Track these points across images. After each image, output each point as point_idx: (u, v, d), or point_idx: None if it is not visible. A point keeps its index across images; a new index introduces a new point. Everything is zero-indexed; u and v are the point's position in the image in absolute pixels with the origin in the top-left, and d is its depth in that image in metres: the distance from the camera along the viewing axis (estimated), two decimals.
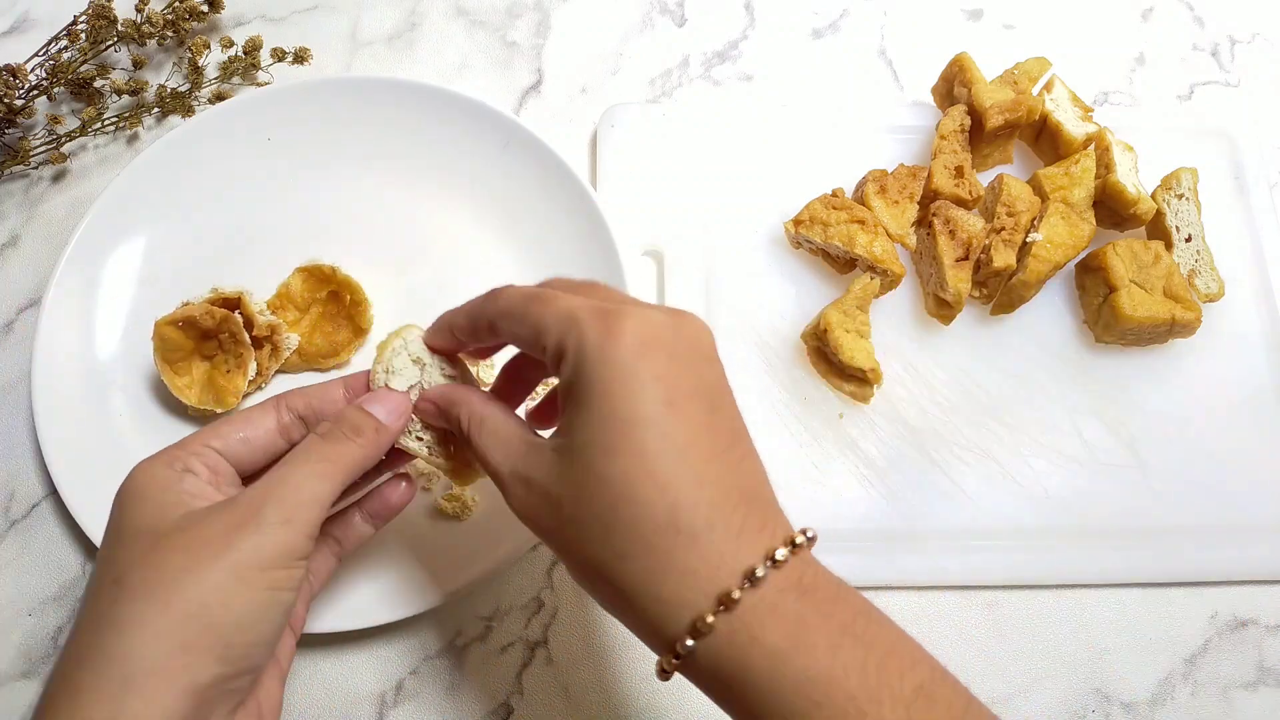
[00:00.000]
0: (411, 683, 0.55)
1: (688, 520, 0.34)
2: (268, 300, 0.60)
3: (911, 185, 0.61)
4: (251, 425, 0.42)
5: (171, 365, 0.57)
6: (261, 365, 0.58)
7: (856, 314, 0.58)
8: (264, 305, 0.59)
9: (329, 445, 0.40)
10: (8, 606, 0.57)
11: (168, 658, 0.34)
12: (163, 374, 0.56)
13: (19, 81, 0.64)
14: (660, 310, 0.37)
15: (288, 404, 0.43)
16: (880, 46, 0.72)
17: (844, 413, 0.59)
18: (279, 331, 0.58)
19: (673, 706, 0.54)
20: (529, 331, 0.38)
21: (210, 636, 0.34)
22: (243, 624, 0.35)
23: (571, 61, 0.70)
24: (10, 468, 0.60)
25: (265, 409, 0.43)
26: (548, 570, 0.57)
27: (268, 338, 0.57)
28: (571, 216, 0.60)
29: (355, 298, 0.59)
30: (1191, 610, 0.57)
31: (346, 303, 0.59)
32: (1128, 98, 0.70)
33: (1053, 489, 0.58)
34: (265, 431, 0.42)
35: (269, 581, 0.36)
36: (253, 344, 0.57)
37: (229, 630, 0.35)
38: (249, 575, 0.35)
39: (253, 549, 0.36)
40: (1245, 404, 0.61)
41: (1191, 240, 0.61)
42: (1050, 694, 0.56)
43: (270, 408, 0.43)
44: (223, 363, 0.57)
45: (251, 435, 0.42)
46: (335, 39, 0.71)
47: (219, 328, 0.56)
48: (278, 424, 0.42)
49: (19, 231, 0.65)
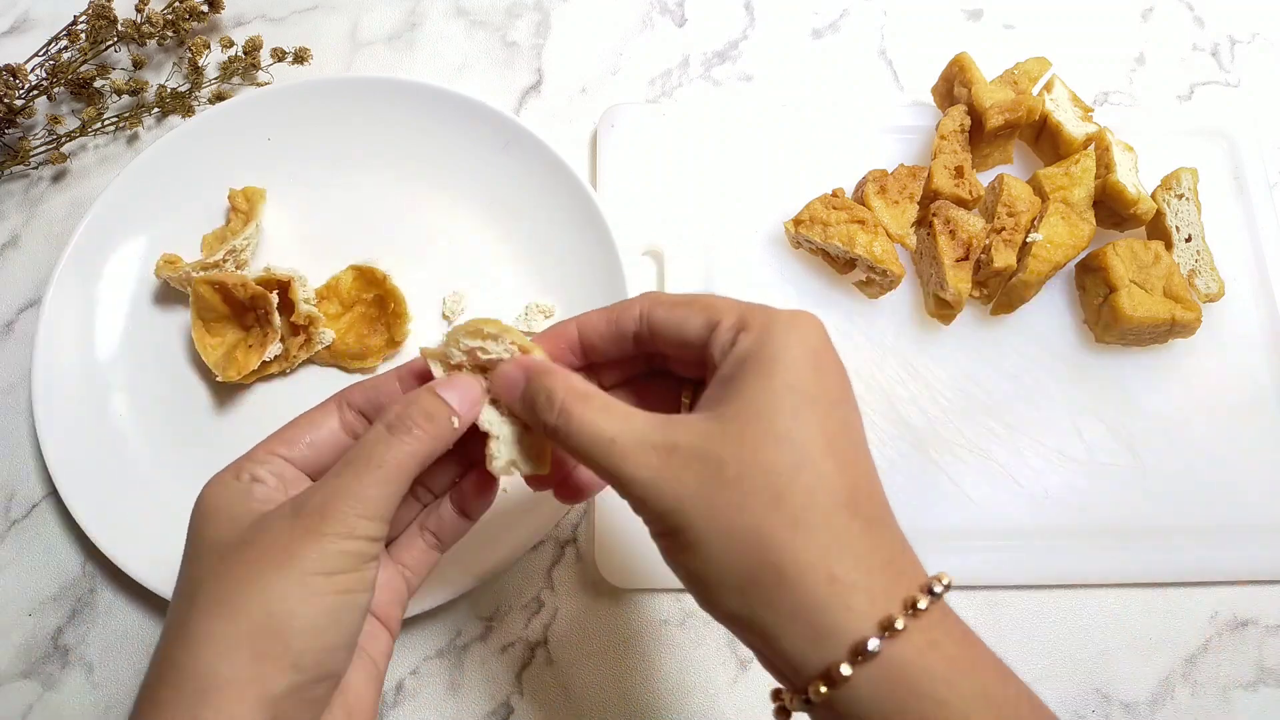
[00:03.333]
0: (411, 683, 0.55)
1: (866, 507, 0.33)
2: (316, 289, 0.60)
3: (911, 185, 0.61)
4: (315, 428, 0.41)
5: (206, 324, 0.58)
6: (290, 351, 0.58)
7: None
8: (312, 294, 0.59)
9: (394, 440, 0.37)
10: (8, 606, 0.57)
11: (239, 669, 0.33)
12: (194, 328, 0.57)
13: (19, 81, 0.64)
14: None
15: (348, 400, 0.42)
16: (880, 46, 0.72)
17: None
18: (316, 324, 0.58)
19: (673, 706, 0.54)
20: (700, 317, 0.37)
21: (280, 646, 0.34)
22: (312, 631, 0.35)
23: (571, 61, 0.70)
24: (10, 468, 0.60)
25: (327, 409, 0.41)
26: (548, 570, 0.57)
27: (305, 327, 0.57)
28: (571, 216, 0.60)
29: (398, 309, 0.59)
30: (1191, 610, 0.57)
31: (389, 310, 0.60)
32: (1128, 98, 0.70)
33: (1053, 489, 0.58)
34: (330, 432, 0.41)
35: (336, 586, 0.35)
36: (291, 330, 0.57)
37: (298, 638, 0.34)
38: (314, 583, 0.35)
39: (317, 558, 0.35)
40: (1245, 404, 0.61)
41: (1191, 240, 0.61)
42: (1050, 694, 0.56)
43: (332, 407, 0.41)
44: (252, 337, 0.58)
45: (317, 438, 0.41)
46: (335, 39, 0.71)
47: (254, 303, 0.56)
48: (341, 422, 0.41)
49: (19, 231, 0.65)
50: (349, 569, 0.36)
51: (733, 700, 0.55)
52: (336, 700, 0.38)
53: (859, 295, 0.62)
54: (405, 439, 0.37)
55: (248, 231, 0.59)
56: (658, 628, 0.56)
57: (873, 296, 0.61)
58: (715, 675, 0.56)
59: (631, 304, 0.40)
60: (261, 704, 0.33)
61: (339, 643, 0.36)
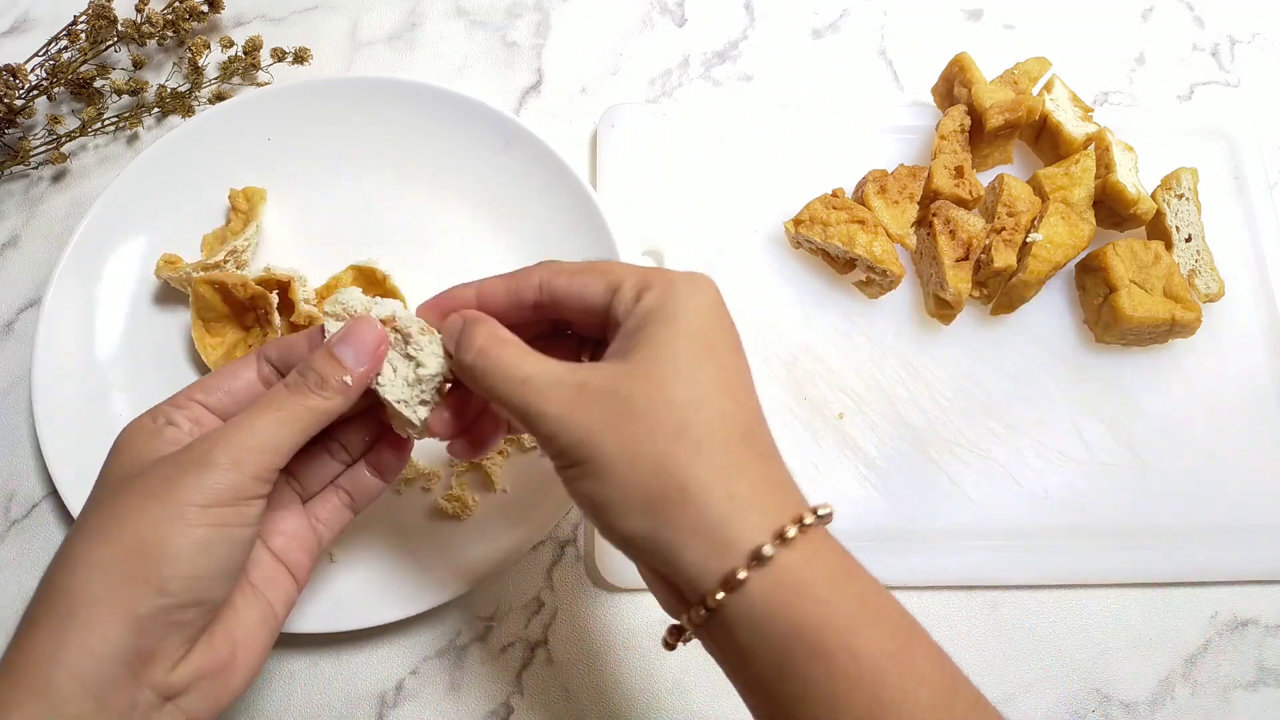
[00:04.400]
0: (411, 683, 0.55)
1: (760, 441, 0.37)
2: (316, 289, 0.60)
3: (911, 185, 0.61)
4: (234, 377, 0.43)
5: (206, 324, 0.58)
6: None
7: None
8: (312, 294, 0.59)
9: (294, 397, 0.40)
10: (8, 606, 0.57)
11: (108, 589, 0.36)
12: (194, 328, 0.57)
13: (19, 81, 0.64)
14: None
15: (265, 355, 0.44)
16: (880, 46, 0.72)
17: (844, 412, 0.59)
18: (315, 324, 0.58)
19: (673, 706, 0.55)
20: (601, 283, 0.40)
21: (149, 569, 0.36)
22: (182, 558, 0.36)
23: (571, 61, 0.70)
24: (10, 468, 0.60)
25: (247, 360, 0.44)
26: (548, 570, 0.57)
27: (305, 327, 0.57)
28: (571, 216, 0.60)
29: None
30: (1191, 610, 0.57)
31: None
32: (1128, 98, 0.70)
33: (1052, 489, 0.58)
34: (247, 382, 0.43)
35: (211, 519, 0.37)
36: (291, 330, 0.57)
37: (168, 564, 0.36)
38: (190, 513, 0.37)
39: (195, 488, 0.37)
40: (1245, 404, 0.61)
41: (1191, 240, 0.61)
42: (1050, 694, 0.56)
43: (252, 359, 0.44)
44: (252, 337, 0.58)
45: (234, 387, 0.43)
46: (335, 39, 0.71)
47: (254, 303, 0.56)
48: (258, 374, 0.43)
49: (19, 231, 0.65)
50: (227, 502, 0.38)
51: (733, 700, 0.55)
52: (221, 632, 0.39)
53: (859, 295, 0.62)
54: (304, 396, 0.40)
55: (248, 232, 0.59)
56: (658, 628, 0.56)
57: (873, 296, 0.61)
58: (715, 675, 0.55)
59: (530, 273, 0.42)
60: (126, 621, 0.35)
61: (211, 572, 0.38)
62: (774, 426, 0.58)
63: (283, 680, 0.55)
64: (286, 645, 0.55)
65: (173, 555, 0.36)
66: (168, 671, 0.37)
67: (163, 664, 0.37)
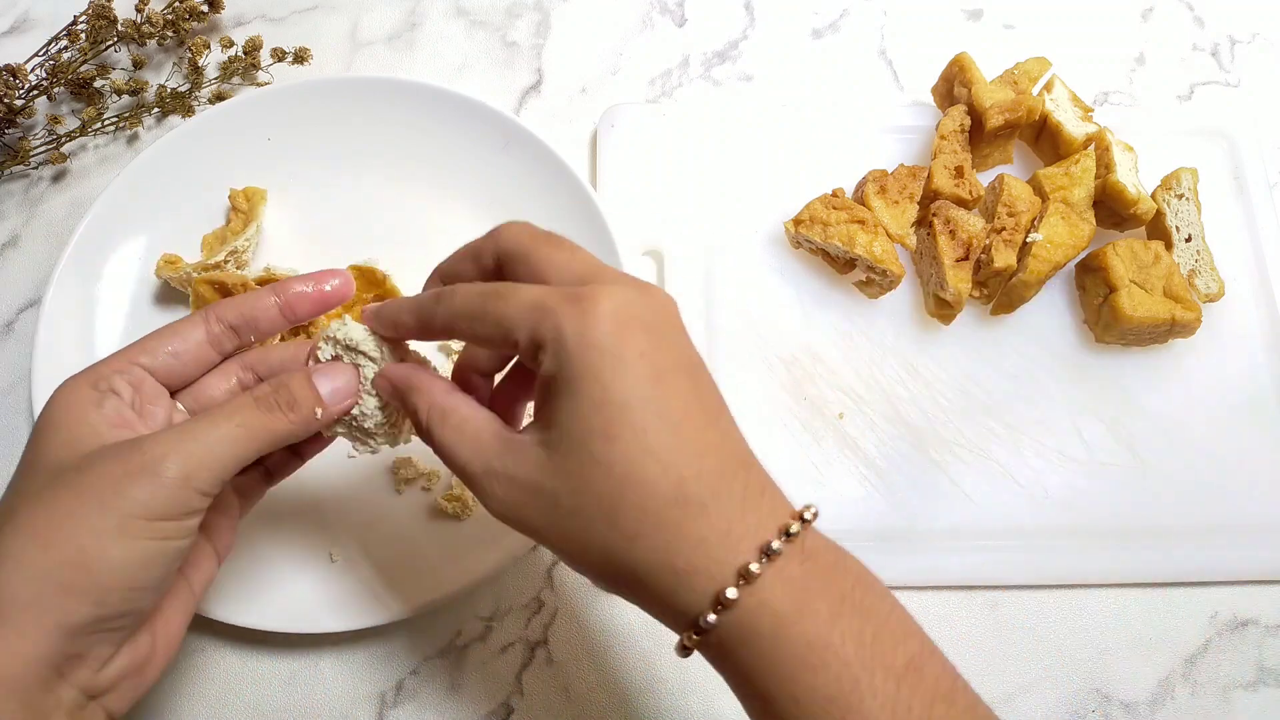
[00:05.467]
0: (411, 683, 0.55)
1: (695, 491, 0.34)
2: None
3: (911, 185, 0.61)
4: (179, 338, 0.41)
5: None
6: None
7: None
8: None
9: (259, 413, 0.38)
10: None
11: (42, 596, 0.34)
12: None
13: (19, 81, 0.64)
14: (629, 285, 0.36)
15: (217, 315, 0.42)
16: (880, 46, 0.72)
17: (844, 412, 0.59)
18: (316, 324, 0.58)
19: (673, 706, 0.54)
20: (494, 330, 0.36)
21: (86, 580, 0.35)
22: (121, 572, 0.35)
23: (571, 61, 0.70)
24: (10, 468, 0.59)
25: (194, 320, 0.42)
26: (548, 570, 0.57)
27: (305, 327, 0.57)
28: (571, 216, 0.60)
29: None
30: (1191, 610, 0.57)
31: None
32: (1128, 98, 0.70)
33: (1052, 489, 0.58)
34: (195, 344, 0.41)
35: (154, 532, 0.36)
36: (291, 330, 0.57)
37: (106, 576, 0.35)
38: (133, 526, 0.35)
39: (142, 500, 0.35)
40: (1245, 404, 0.61)
41: (1191, 240, 0.61)
42: (1050, 694, 0.56)
43: (199, 319, 0.42)
44: None
45: (180, 349, 0.41)
46: (335, 39, 0.71)
47: None
48: (207, 335, 0.42)
49: (19, 231, 0.65)
50: (172, 516, 0.36)
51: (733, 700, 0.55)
52: (144, 628, 0.39)
53: (859, 295, 0.62)
54: (270, 416, 0.38)
55: (248, 232, 0.59)
56: (658, 627, 0.56)
57: (873, 296, 0.62)
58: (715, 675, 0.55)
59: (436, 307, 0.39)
60: (59, 631, 0.35)
61: (147, 585, 0.37)
62: (774, 427, 0.60)
63: (283, 680, 0.55)
64: (287, 645, 0.55)
65: (111, 568, 0.35)
66: (95, 673, 0.36)
67: (91, 666, 0.36)
